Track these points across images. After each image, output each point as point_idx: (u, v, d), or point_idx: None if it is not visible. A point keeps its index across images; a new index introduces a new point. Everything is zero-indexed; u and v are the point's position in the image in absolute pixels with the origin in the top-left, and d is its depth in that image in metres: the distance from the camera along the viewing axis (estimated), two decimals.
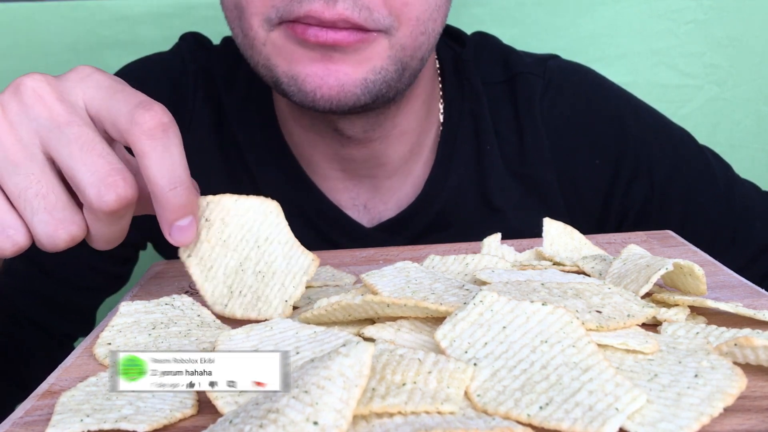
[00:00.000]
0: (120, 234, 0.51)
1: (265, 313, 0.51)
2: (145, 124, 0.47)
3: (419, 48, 0.68)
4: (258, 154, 0.81)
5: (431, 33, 0.68)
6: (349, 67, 0.65)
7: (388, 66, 0.66)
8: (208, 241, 0.53)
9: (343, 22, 0.62)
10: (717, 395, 0.36)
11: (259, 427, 0.31)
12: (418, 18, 0.66)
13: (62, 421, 0.38)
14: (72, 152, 0.47)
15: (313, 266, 0.53)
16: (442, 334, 0.40)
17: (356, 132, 0.75)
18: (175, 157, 0.49)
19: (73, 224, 0.49)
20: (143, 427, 0.37)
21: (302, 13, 0.62)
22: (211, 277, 0.53)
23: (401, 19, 0.65)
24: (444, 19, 0.70)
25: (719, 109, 1.15)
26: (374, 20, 0.63)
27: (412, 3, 0.65)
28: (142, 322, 0.50)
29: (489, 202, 0.81)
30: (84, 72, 0.51)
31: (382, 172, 0.80)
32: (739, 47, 1.13)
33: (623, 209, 0.83)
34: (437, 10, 0.67)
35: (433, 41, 0.69)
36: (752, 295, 0.53)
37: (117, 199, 0.47)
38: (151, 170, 0.48)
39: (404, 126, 0.78)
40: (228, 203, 0.54)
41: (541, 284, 0.48)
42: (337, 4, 0.61)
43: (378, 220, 0.81)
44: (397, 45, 0.66)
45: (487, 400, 0.36)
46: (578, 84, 0.84)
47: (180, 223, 0.50)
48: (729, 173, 0.85)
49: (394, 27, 0.65)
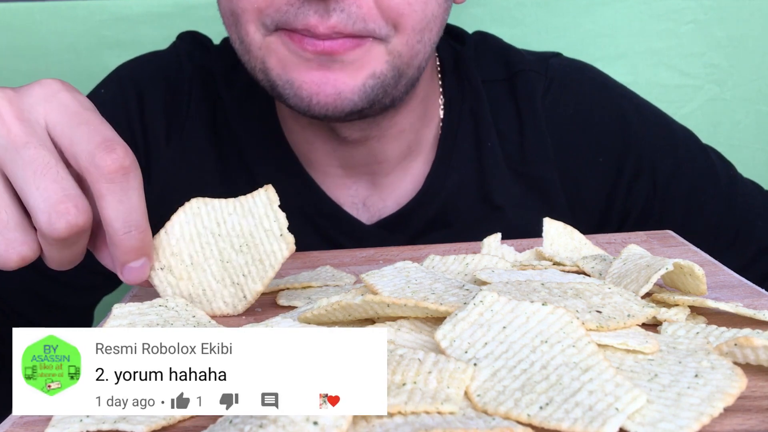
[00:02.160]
0: (73, 258, 0.51)
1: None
2: (106, 168, 0.47)
3: (416, 56, 0.68)
4: (258, 151, 0.81)
5: (427, 42, 0.68)
6: (346, 75, 0.65)
7: (387, 71, 0.66)
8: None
9: (338, 34, 0.63)
10: (717, 395, 0.35)
11: (259, 427, 0.31)
12: (413, 28, 0.66)
13: (62, 421, 0.37)
14: (26, 175, 0.47)
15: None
16: (442, 334, 0.40)
17: (353, 133, 0.75)
18: (132, 201, 0.48)
19: (23, 245, 0.48)
20: (142, 429, 0.37)
21: (298, 26, 0.62)
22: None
23: (398, 29, 0.65)
24: (441, 28, 0.70)
25: (719, 109, 1.15)
26: (369, 31, 0.64)
27: (408, 14, 0.65)
28: (137, 324, 0.50)
29: (490, 200, 0.81)
30: (50, 89, 0.50)
31: (380, 169, 0.80)
32: (739, 47, 1.12)
33: (625, 207, 0.83)
34: (433, 20, 0.67)
35: (429, 50, 0.70)
36: (752, 295, 0.53)
37: (67, 226, 0.47)
38: (106, 212, 0.48)
39: (402, 125, 0.78)
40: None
41: (541, 284, 0.48)
42: (331, 17, 0.61)
43: (377, 217, 0.81)
44: (394, 51, 0.66)
45: (487, 400, 0.36)
46: (581, 82, 0.84)
47: (132, 264, 0.51)
48: (731, 172, 0.85)
49: (390, 35, 0.65)
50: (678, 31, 1.12)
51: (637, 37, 1.12)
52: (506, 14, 1.11)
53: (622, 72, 1.09)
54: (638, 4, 1.11)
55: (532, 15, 1.11)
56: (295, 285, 0.58)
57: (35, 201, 0.46)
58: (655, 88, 1.12)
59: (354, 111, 0.67)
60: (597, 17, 1.12)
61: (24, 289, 0.80)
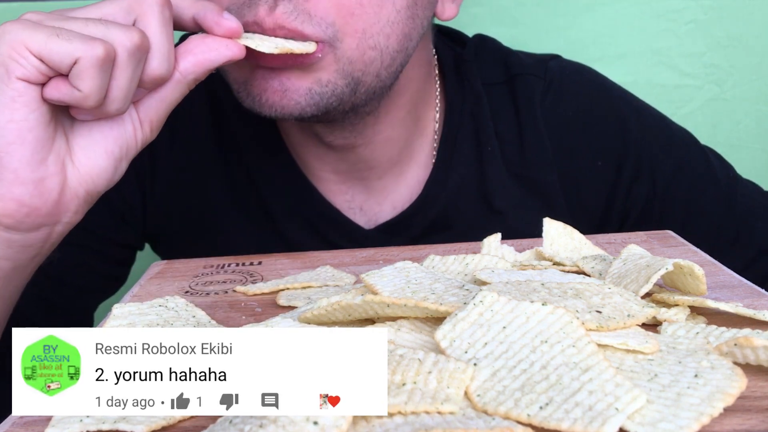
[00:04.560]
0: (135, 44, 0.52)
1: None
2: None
3: (370, 64, 0.65)
4: (257, 154, 0.81)
5: (384, 49, 0.66)
6: (293, 75, 0.64)
7: (336, 80, 0.64)
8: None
9: (281, 29, 0.61)
10: (717, 395, 0.35)
11: (259, 426, 0.31)
12: (364, 31, 0.64)
13: (62, 421, 0.37)
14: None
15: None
16: (442, 334, 0.40)
17: (335, 139, 0.75)
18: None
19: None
20: (142, 429, 0.37)
21: (251, 20, 0.61)
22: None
23: (346, 30, 0.63)
24: (403, 37, 0.67)
25: (719, 109, 1.15)
26: (313, 27, 0.61)
27: (357, 14, 0.62)
28: (137, 324, 0.50)
29: (489, 203, 0.81)
30: None
31: (372, 174, 0.80)
32: (739, 47, 1.12)
33: (625, 210, 0.82)
34: (390, 25, 0.65)
35: (388, 59, 0.67)
36: (752, 295, 0.53)
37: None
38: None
39: (388, 133, 0.77)
40: None
41: (541, 284, 0.48)
42: (276, 8, 0.60)
43: (375, 221, 0.81)
44: (343, 58, 0.64)
45: (487, 400, 0.36)
46: (580, 84, 0.84)
47: (225, 16, 0.56)
48: (731, 173, 0.85)
49: (338, 38, 0.63)
50: (678, 31, 1.12)
51: (637, 37, 1.12)
52: (506, 14, 1.11)
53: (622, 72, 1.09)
54: (638, 4, 1.11)
55: (532, 15, 1.11)
56: (295, 285, 0.58)
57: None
58: (655, 88, 1.12)
59: (304, 116, 0.65)
60: (597, 17, 1.12)
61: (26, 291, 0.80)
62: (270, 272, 0.64)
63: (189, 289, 0.61)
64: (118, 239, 0.84)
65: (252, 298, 0.58)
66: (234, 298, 0.58)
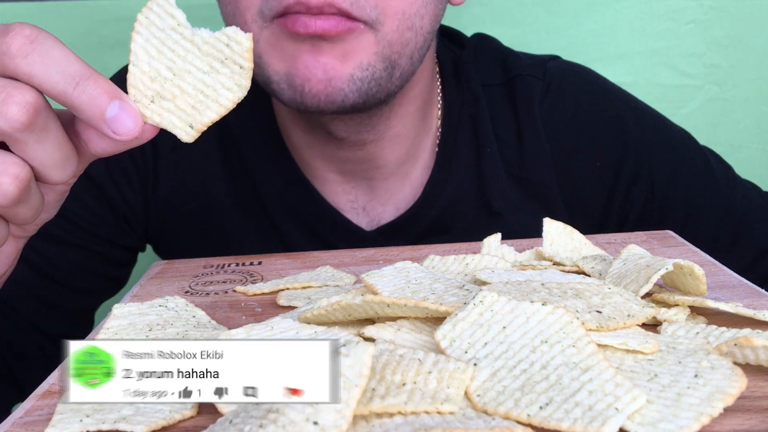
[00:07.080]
0: (62, 155, 0.45)
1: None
2: (11, 48, 0.43)
3: (407, 44, 0.67)
4: (258, 157, 0.81)
5: (419, 30, 0.68)
6: (336, 60, 0.65)
7: (376, 63, 0.66)
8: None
9: (329, 6, 0.62)
10: (717, 395, 0.36)
11: (259, 427, 0.31)
12: (404, 12, 0.66)
13: (62, 421, 0.38)
14: None
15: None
16: (442, 334, 0.40)
17: (348, 134, 0.75)
18: (59, 56, 0.43)
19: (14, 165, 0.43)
20: (141, 429, 0.37)
21: (292, 0, 0.62)
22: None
23: (387, 12, 0.65)
24: (434, 18, 0.70)
25: (719, 109, 1.15)
26: (360, 8, 0.63)
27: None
28: (137, 324, 0.50)
29: (489, 205, 0.81)
30: None
31: (378, 174, 0.80)
32: (739, 47, 1.12)
33: (624, 212, 0.82)
34: (424, 6, 0.67)
35: (421, 40, 0.69)
36: (752, 295, 0.53)
37: (20, 106, 0.41)
38: (42, 81, 0.42)
39: (398, 129, 0.78)
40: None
41: (541, 284, 0.48)
42: None
43: (377, 222, 0.81)
44: (383, 41, 0.66)
45: (487, 400, 0.36)
46: (578, 86, 0.84)
47: (109, 113, 0.43)
48: (730, 174, 0.84)
49: (380, 21, 0.65)
50: (678, 31, 1.12)
51: (637, 37, 1.12)
52: (507, 14, 1.11)
53: (622, 72, 1.09)
54: (638, 4, 1.11)
55: (533, 15, 1.11)
56: (295, 285, 0.58)
57: None
58: (655, 88, 1.12)
59: (347, 104, 0.66)
60: (597, 17, 1.12)
61: (26, 291, 0.80)
62: (270, 272, 0.64)
63: (189, 289, 0.61)
64: (120, 241, 0.84)
65: (252, 298, 0.58)
66: (234, 298, 0.58)
